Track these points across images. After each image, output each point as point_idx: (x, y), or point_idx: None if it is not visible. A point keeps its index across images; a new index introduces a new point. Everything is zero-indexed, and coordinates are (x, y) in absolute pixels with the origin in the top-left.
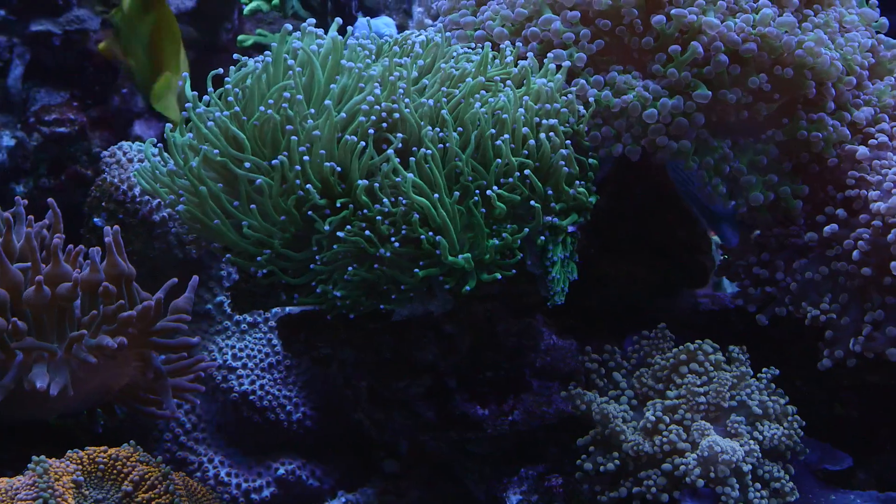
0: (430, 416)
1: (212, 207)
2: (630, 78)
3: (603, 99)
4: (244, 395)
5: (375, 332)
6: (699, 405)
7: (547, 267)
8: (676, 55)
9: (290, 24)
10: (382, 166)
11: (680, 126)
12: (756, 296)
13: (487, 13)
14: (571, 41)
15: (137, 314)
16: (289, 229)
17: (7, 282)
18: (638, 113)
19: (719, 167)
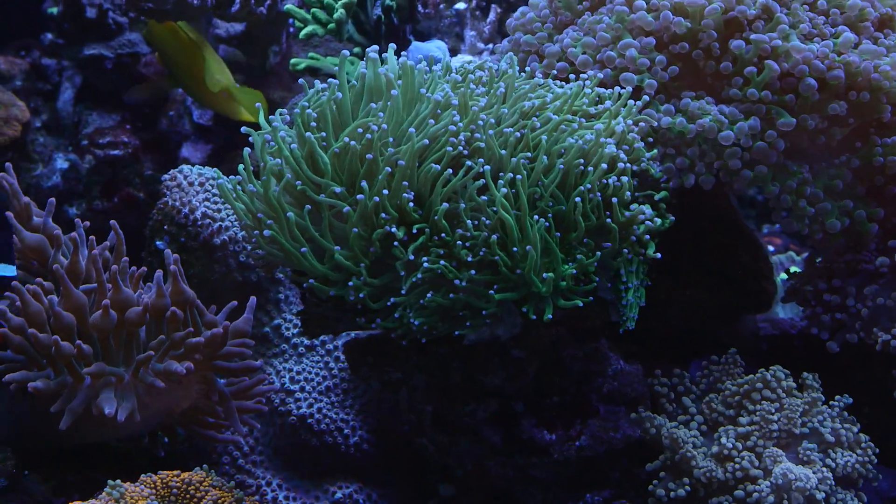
0: (496, 441)
1: (296, 234)
2: (704, 104)
3: (677, 126)
4: (302, 418)
5: (446, 357)
6: (771, 432)
7: (621, 292)
8: (753, 76)
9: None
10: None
11: (760, 151)
12: (827, 322)
13: (567, 40)
14: (645, 67)
15: (206, 341)
16: (368, 255)
17: (71, 305)
18: (714, 135)
19: (801, 190)
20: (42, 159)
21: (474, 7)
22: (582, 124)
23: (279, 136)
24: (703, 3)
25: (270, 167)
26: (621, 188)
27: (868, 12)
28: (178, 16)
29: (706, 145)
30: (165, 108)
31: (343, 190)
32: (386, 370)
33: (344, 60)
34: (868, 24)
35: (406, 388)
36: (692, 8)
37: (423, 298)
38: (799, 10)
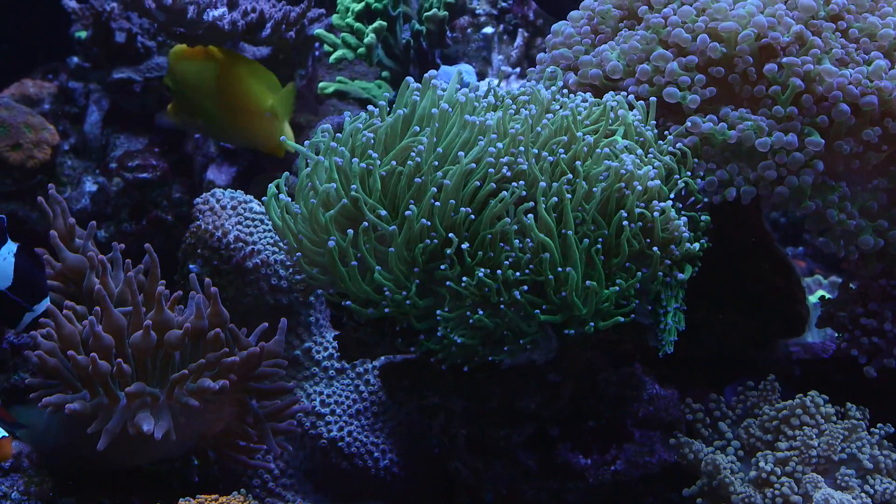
0: (532, 465)
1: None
2: (744, 111)
3: (718, 131)
4: (333, 441)
5: (484, 382)
6: (811, 458)
7: (660, 315)
8: (778, 95)
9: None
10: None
11: (795, 161)
12: (866, 345)
13: (605, 53)
14: (686, 85)
15: (241, 360)
16: (410, 279)
17: (111, 326)
18: (752, 142)
19: (842, 204)
20: (71, 182)
21: (501, 31)
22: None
23: (333, 160)
24: (736, 28)
25: (322, 192)
26: (663, 212)
27: None
28: (209, 41)
29: (743, 161)
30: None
31: (387, 213)
32: (424, 394)
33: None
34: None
35: (444, 413)
36: (726, 33)
37: (468, 318)
38: (831, 38)
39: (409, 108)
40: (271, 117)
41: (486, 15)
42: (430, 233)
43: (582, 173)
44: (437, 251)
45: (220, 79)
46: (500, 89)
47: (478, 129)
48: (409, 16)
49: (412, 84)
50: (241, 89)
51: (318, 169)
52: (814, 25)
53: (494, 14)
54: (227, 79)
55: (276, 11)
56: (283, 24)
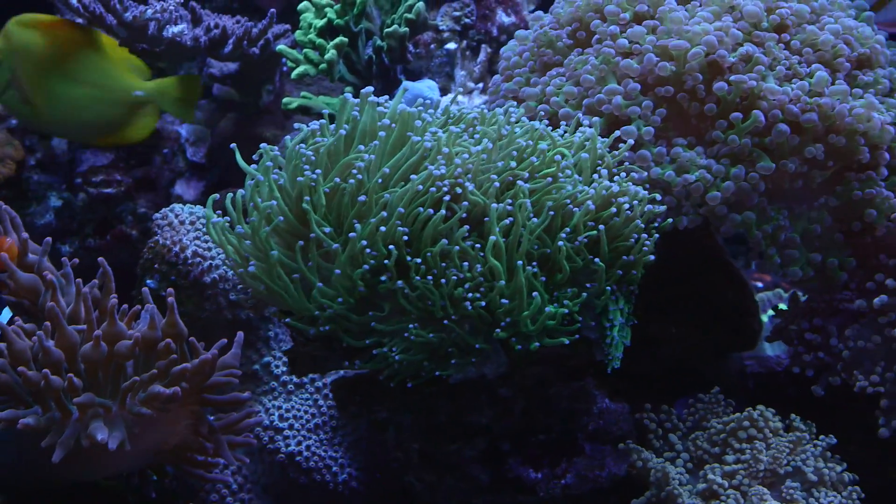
0: (484, 479)
1: (279, 272)
2: (694, 156)
3: (666, 178)
4: (291, 455)
5: (432, 396)
6: (758, 471)
7: (606, 330)
8: (737, 122)
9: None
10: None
11: (743, 191)
12: (810, 361)
13: (550, 88)
14: (637, 115)
15: (193, 368)
16: (354, 294)
17: (63, 341)
18: (700, 193)
19: (776, 236)
20: (36, 197)
21: (465, 47)
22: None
23: (271, 177)
24: (686, 46)
25: (263, 209)
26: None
27: (841, 49)
28: (171, 57)
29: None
30: (160, 145)
31: (332, 230)
32: (373, 408)
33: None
34: (843, 60)
35: (393, 427)
36: (676, 51)
37: (407, 333)
38: (774, 49)
39: (350, 125)
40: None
41: (449, 31)
42: (372, 252)
43: (524, 191)
44: (382, 268)
45: (71, 56)
46: (452, 107)
47: (420, 148)
48: (371, 32)
49: (350, 100)
50: (101, 69)
51: (260, 186)
52: (758, 37)
53: (458, 30)
54: (80, 56)
55: (238, 27)
56: (245, 39)
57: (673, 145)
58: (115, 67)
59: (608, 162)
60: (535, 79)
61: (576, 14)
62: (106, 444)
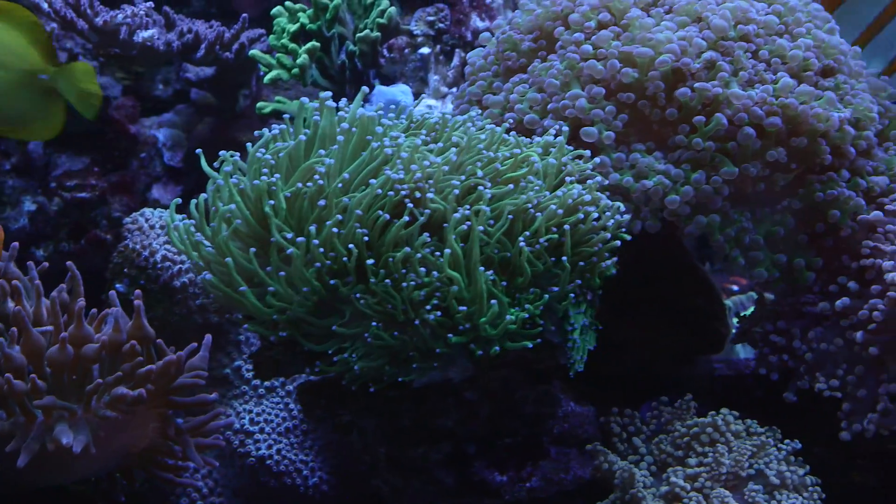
0: (449, 483)
1: (236, 278)
2: (653, 161)
3: (624, 184)
4: (261, 459)
5: (395, 400)
6: (720, 474)
7: (568, 334)
8: (700, 126)
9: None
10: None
11: (705, 195)
12: (775, 363)
13: (514, 96)
14: (599, 118)
15: (158, 370)
16: (311, 298)
17: (29, 346)
18: (659, 197)
19: (739, 238)
20: (10, 202)
21: (438, 52)
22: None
23: (230, 182)
24: (650, 54)
25: (222, 212)
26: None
27: (812, 63)
28: (144, 62)
29: (655, 200)
30: (136, 149)
31: (293, 235)
32: (337, 412)
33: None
34: (811, 73)
35: (357, 431)
36: (640, 59)
37: (368, 338)
38: (742, 58)
39: (311, 130)
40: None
41: (423, 35)
42: (329, 253)
43: (485, 196)
44: (343, 271)
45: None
46: (416, 112)
47: (380, 152)
48: (345, 37)
49: (307, 104)
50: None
51: (221, 191)
52: (723, 47)
53: (432, 35)
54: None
55: (211, 32)
56: (217, 44)
57: (632, 151)
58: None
59: (571, 169)
60: (498, 83)
61: (535, 23)
62: (71, 447)
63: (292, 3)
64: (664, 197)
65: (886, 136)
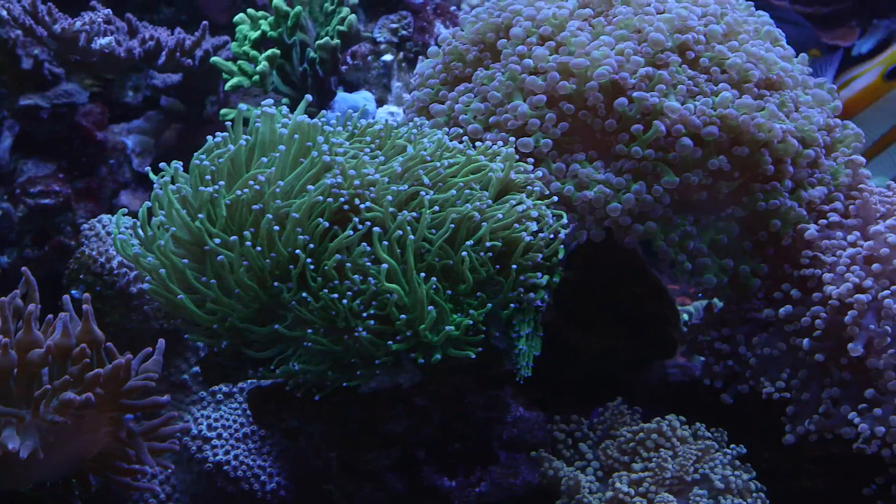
0: (400, 488)
1: (171, 286)
2: (592, 171)
3: (565, 193)
4: (218, 465)
5: (343, 405)
6: (664, 479)
7: (513, 340)
8: (639, 134)
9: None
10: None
11: (646, 204)
12: (719, 371)
13: (458, 106)
14: (536, 127)
15: (106, 373)
16: (252, 305)
17: None
18: (601, 205)
19: (683, 244)
20: None
21: (401, 59)
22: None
23: (169, 189)
24: (586, 64)
25: (156, 221)
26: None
27: (752, 74)
28: (106, 68)
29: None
30: (105, 155)
31: (231, 240)
32: (283, 418)
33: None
34: (751, 85)
35: (304, 437)
36: (577, 70)
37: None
38: (677, 72)
39: (252, 137)
40: None
41: (386, 43)
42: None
43: (426, 203)
44: (284, 277)
45: None
46: (360, 120)
47: (320, 160)
48: (306, 44)
49: (243, 110)
50: None
51: (160, 199)
52: (660, 59)
53: (395, 42)
54: None
55: (171, 39)
56: (178, 51)
57: (573, 161)
58: None
59: (515, 179)
60: (444, 91)
61: (479, 33)
62: (17, 452)
63: (254, 11)
64: (605, 206)
65: (833, 149)
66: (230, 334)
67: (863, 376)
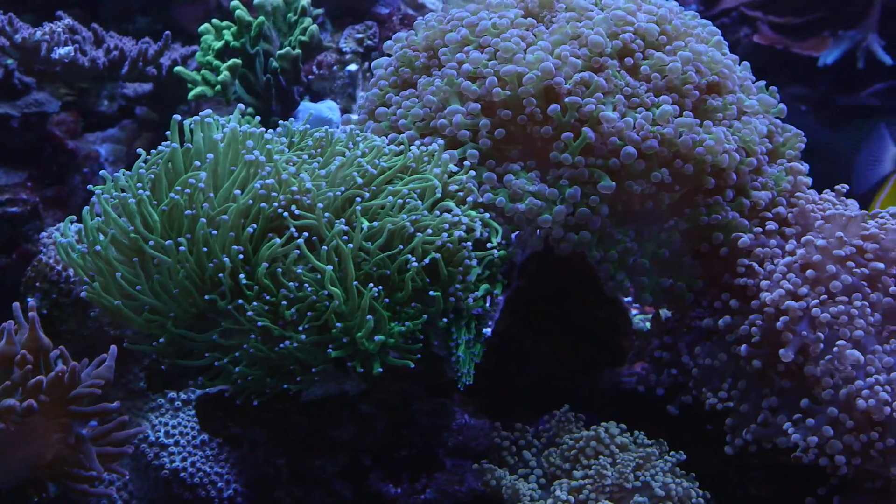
0: (347, 495)
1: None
2: (525, 182)
3: (498, 204)
4: (175, 472)
5: (285, 412)
6: (604, 486)
7: (451, 349)
8: (569, 142)
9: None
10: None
11: (582, 216)
12: (661, 380)
13: (399, 111)
14: (466, 138)
15: (49, 380)
16: (189, 310)
17: None
18: (534, 216)
19: (623, 260)
20: None
21: (366, 68)
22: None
23: (103, 197)
24: (517, 71)
25: (91, 227)
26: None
27: (690, 76)
28: (70, 78)
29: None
30: (77, 164)
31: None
32: (226, 424)
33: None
34: (690, 87)
35: (247, 443)
36: (508, 77)
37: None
38: (615, 77)
39: (191, 145)
40: None
41: (351, 53)
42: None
43: (358, 212)
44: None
45: None
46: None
47: (254, 166)
48: (270, 53)
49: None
50: None
51: (99, 205)
52: (597, 63)
53: (360, 52)
54: None
55: (134, 49)
56: (140, 60)
57: (508, 171)
58: None
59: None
60: (391, 95)
61: (426, 42)
62: None
63: (219, 22)
64: (538, 217)
65: (777, 153)
66: (169, 342)
67: (801, 384)
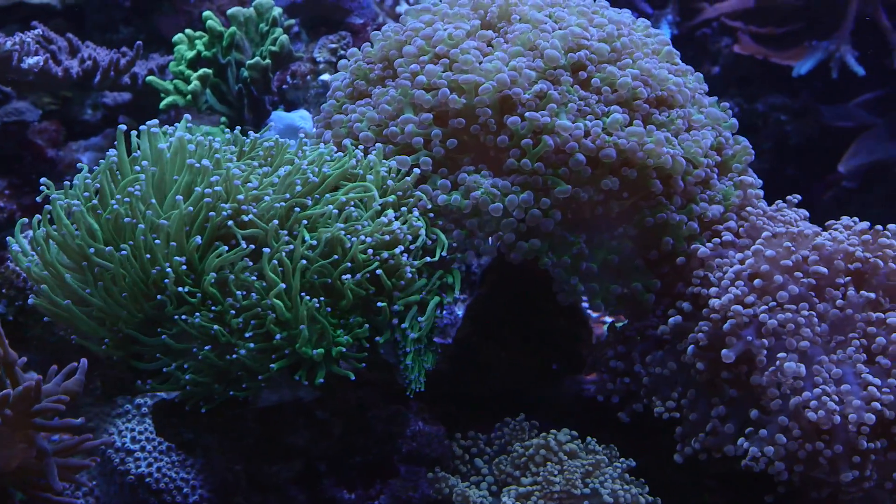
0: (302, 500)
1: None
2: (479, 177)
3: (453, 203)
4: (140, 477)
5: (237, 418)
6: (552, 493)
7: (400, 357)
8: (528, 148)
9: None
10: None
11: (534, 218)
12: (614, 388)
13: (355, 115)
14: (420, 146)
15: (15, 395)
16: (136, 315)
17: None
18: (486, 207)
19: (576, 265)
20: None
21: None
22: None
23: (57, 203)
24: (475, 80)
25: (38, 235)
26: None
27: (640, 92)
28: (44, 87)
29: (485, 217)
30: (58, 172)
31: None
32: (179, 431)
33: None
34: (641, 102)
35: (200, 448)
36: (466, 85)
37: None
38: (568, 91)
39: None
40: None
41: (325, 62)
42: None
43: (299, 220)
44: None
45: None
46: (247, 137)
47: (200, 174)
48: (242, 63)
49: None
50: None
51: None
52: (552, 76)
53: (333, 62)
54: None
55: (106, 58)
56: (112, 70)
57: (460, 173)
58: None
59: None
60: (347, 105)
61: (382, 53)
62: None
63: (193, 31)
64: (491, 204)
65: (727, 167)
66: (120, 345)
67: (748, 394)
